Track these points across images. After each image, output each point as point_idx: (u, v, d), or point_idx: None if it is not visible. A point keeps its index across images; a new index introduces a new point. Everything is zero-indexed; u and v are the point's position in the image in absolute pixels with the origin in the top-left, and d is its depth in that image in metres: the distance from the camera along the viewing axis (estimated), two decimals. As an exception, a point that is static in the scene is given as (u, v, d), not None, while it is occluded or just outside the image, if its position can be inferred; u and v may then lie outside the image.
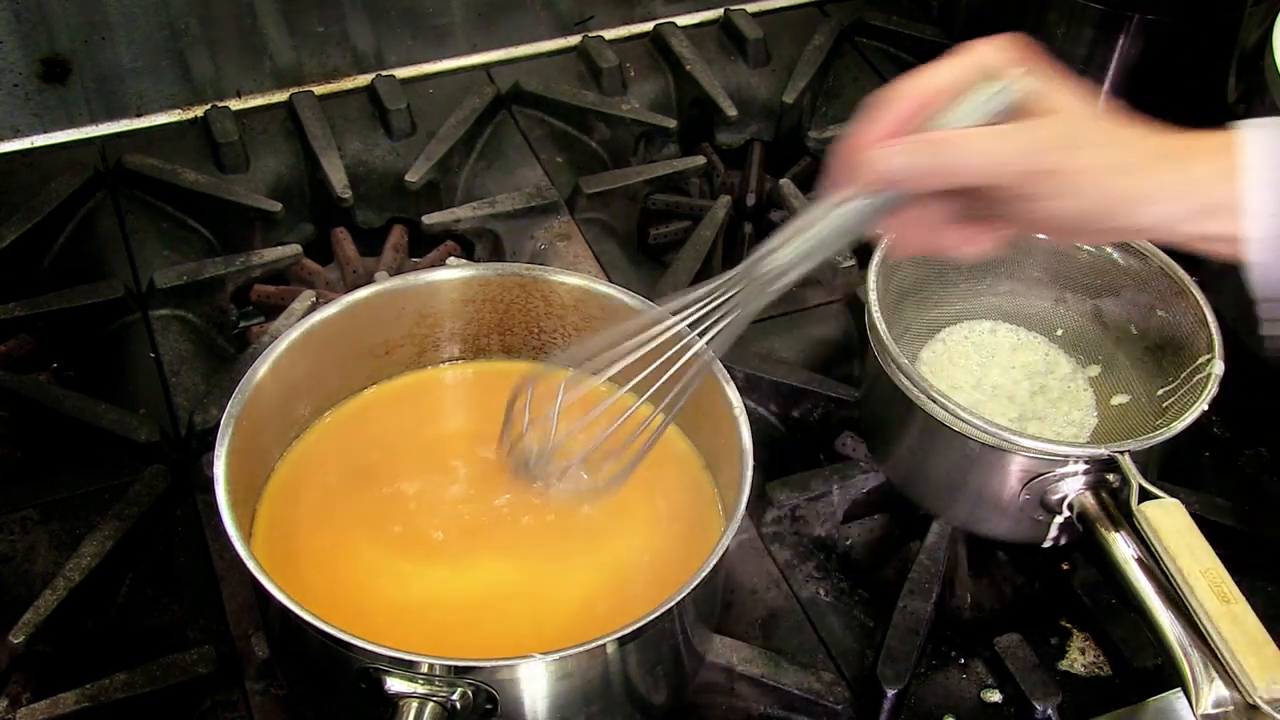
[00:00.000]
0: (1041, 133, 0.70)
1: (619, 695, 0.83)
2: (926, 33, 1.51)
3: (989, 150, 0.69)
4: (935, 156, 0.69)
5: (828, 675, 0.93)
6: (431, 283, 0.98)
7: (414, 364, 1.01)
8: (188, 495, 1.03)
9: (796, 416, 1.13)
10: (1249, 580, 0.95)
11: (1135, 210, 0.70)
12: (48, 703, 0.88)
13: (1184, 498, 0.90)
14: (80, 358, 1.17)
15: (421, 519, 0.91)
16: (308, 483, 0.93)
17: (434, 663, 0.75)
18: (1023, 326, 1.11)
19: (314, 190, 1.33)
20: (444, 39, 1.44)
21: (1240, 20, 1.28)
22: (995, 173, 0.70)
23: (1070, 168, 0.69)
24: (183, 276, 1.18)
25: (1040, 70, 0.72)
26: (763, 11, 1.54)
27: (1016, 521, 0.98)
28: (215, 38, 1.35)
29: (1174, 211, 0.70)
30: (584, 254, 1.24)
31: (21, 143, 1.33)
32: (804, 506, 1.04)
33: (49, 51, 1.30)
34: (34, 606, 0.92)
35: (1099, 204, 0.70)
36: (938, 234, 0.76)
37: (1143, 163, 0.70)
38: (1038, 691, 0.92)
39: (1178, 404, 0.98)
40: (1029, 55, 0.72)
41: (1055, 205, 0.70)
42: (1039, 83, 0.71)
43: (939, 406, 0.94)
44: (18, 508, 1.01)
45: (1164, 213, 0.70)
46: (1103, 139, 0.71)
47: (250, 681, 0.92)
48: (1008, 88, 0.71)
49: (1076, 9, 1.31)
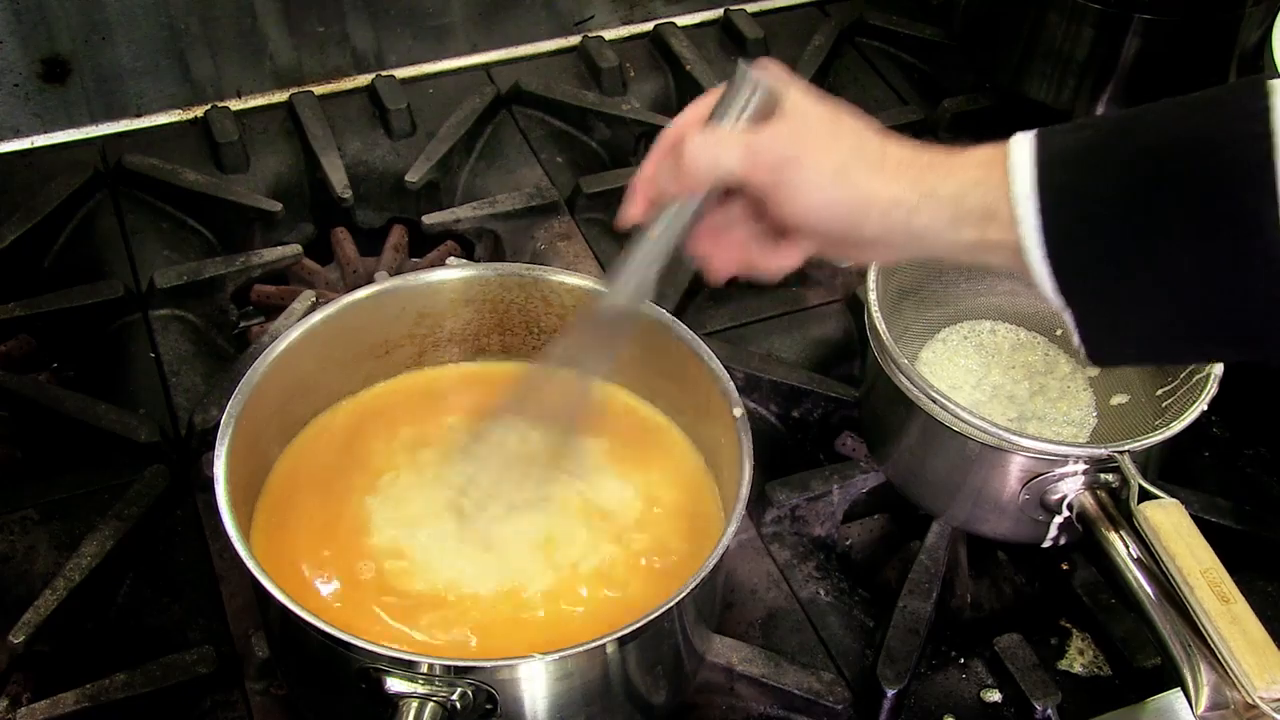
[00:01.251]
0: (770, 130, 0.74)
1: (619, 695, 0.83)
2: (926, 33, 1.51)
3: (719, 144, 0.74)
4: (678, 161, 0.75)
5: (828, 675, 0.93)
6: (431, 283, 0.98)
7: (414, 364, 1.01)
8: (188, 495, 1.03)
9: (796, 416, 1.13)
10: (1249, 580, 0.96)
11: (894, 215, 0.71)
12: (48, 703, 0.88)
13: (1184, 498, 0.90)
14: (80, 358, 1.17)
15: (421, 519, 0.91)
16: (308, 482, 0.93)
17: (434, 663, 0.75)
18: (1023, 326, 1.11)
19: (314, 190, 1.33)
20: (444, 39, 1.44)
21: (1240, 20, 1.28)
22: (726, 168, 0.74)
23: (797, 157, 0.72)
24: (183, 276, 1.18)
25: (784, 80, 0.76)
26: (763, 11, 1.54)
27: (1016, 521, 0.98)
28: (215, 38, 1.35)
29: (939, 216, 0.70)
30: (584, 254, 1.24)
31: (21, 143, 1.33)
32: (804, 506, 1.04)
33: (49, 51, 1.30)
34: (34, 606, 0.92)
35: (846, 203, 0.72)
36: (744, 252, 0.80)
37: (889, 165, 0.72)
38: (1038, 691, 0.92)
39: (1177, 404, 0.98)
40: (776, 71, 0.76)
41: (802, 202, 0.73)
42: (778, 87, 0.75)
43: (939, 406, 0.94)
44: (18, 508, 1.01)
45: (929, 219, 0.71)
46: (836, 138, 0.73)
47: (250, 681, 0.92)
48: (753, 94, 0.75)
49: (1076, 9, 1.31)
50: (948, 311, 1.11)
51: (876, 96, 1.46)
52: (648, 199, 0.79)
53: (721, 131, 0.75)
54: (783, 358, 1.16)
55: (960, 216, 0.70)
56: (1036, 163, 0.67)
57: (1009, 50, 1.40)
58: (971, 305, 1.11)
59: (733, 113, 0.75)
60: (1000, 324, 1.11)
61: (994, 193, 0.68)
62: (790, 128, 0.74)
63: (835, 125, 0.74)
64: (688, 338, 0.93)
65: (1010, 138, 0.69)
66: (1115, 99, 1.35)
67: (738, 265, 0.81)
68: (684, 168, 0.75)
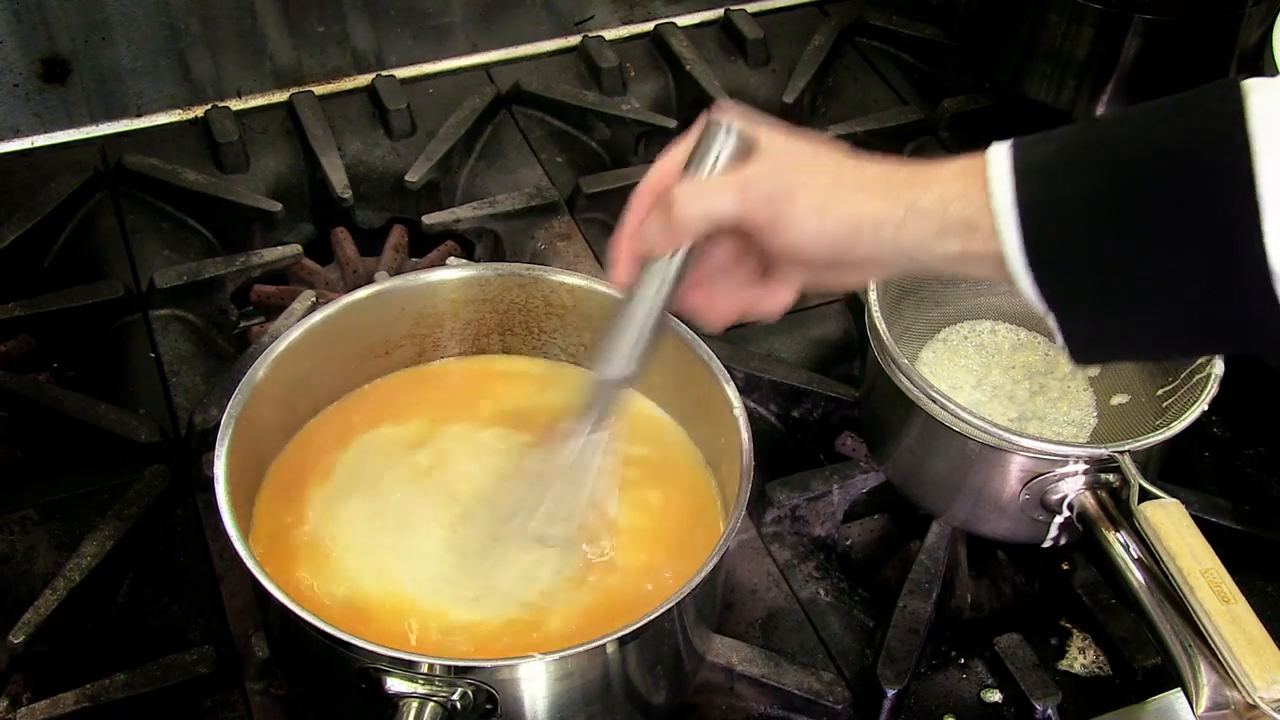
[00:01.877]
0: (754, 168, 0.74)
1: (619, 695, 0.83)
2: (926, 33, 1.51)
3: (709, 190, 0.74)
4: (667, 214, 0.74)
5: (828, 675, 0.93)
6: (431, 283, 0.98)
7: (414, 364, 1.01)
8: (188, 495, 1.03)
9: (796, 416, 1.13)
10: (1249, 580, 0.95)
11: (883, 232, 0.71)
12: (48, 703, 0.88)
13: (1184, 498, 0.90)
14: (80, 358, 1.17)
15: (422, 519, 0.91)
16: (308, 483, 0.93)
17: (434, 663, 0.75)
18: (1023, 326, 1.11)
19: (314, 190, 1.33)
20: (444, 39, 1.44)
21: (1240, 20, 1.28)
22: (721, 211, 0.74)
23: (788, 190, 0.72)
24: (183, 276, 1.18)
25: (752, 121, 0.75)
26: (763, 11, 1.54)
27: (1016, 521, 0.98)
28: (215, 38, 1.35)
29: (925, 229, 0.70)
30: (584, 254, 1.24)
31: (21, 143, 1.33)
32: (804, 506, 1.04)
33: (49, 51, 1.30)
34: (34, 606, 0.92)
35: (838, 226, 0.72)
36: (738, 298, 0.80)
37: (870, 184, 0.72)
38: (1038, 691, 0.92)
39: (1178, 404, 0.98)
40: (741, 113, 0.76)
41: (798, 232, 0.73)
42: (749, 130, 0.75)
43: (939, 406, 0.94)
44: (18, 508, 1.01)
45: (915, 232, 0.71)
46: (817, 166, 0.73)
47: (250, 681, 0.92)
48: (726, 139, 0.75)
49: (1076, 9, 1.31)
50: (948, 311, 1.11)
51: (876, 96, 1.46)
52: (634, 257, 0.78)
53: (708, 178, 0.75)
54: (783, 358, 1.16)
55: (944, 229, 0.70)
56: (1014, 174, 0.67)
57: (1009, 50, 1.40)
58: (971, 305, 1.11)
59: (709, 161, 0.75)
60: (1000, 324, 1.11)
61: (974, 205, 0.68)
62: (773, 164, 0.74)
63: (814, 155, 0.74)
64: (688, 338, 0.93)
65: (987, 149, 0.69)
66: (1115, 99, 1.35)
67: (734, 312, 0.81)
68: (676, 218, 0.74)
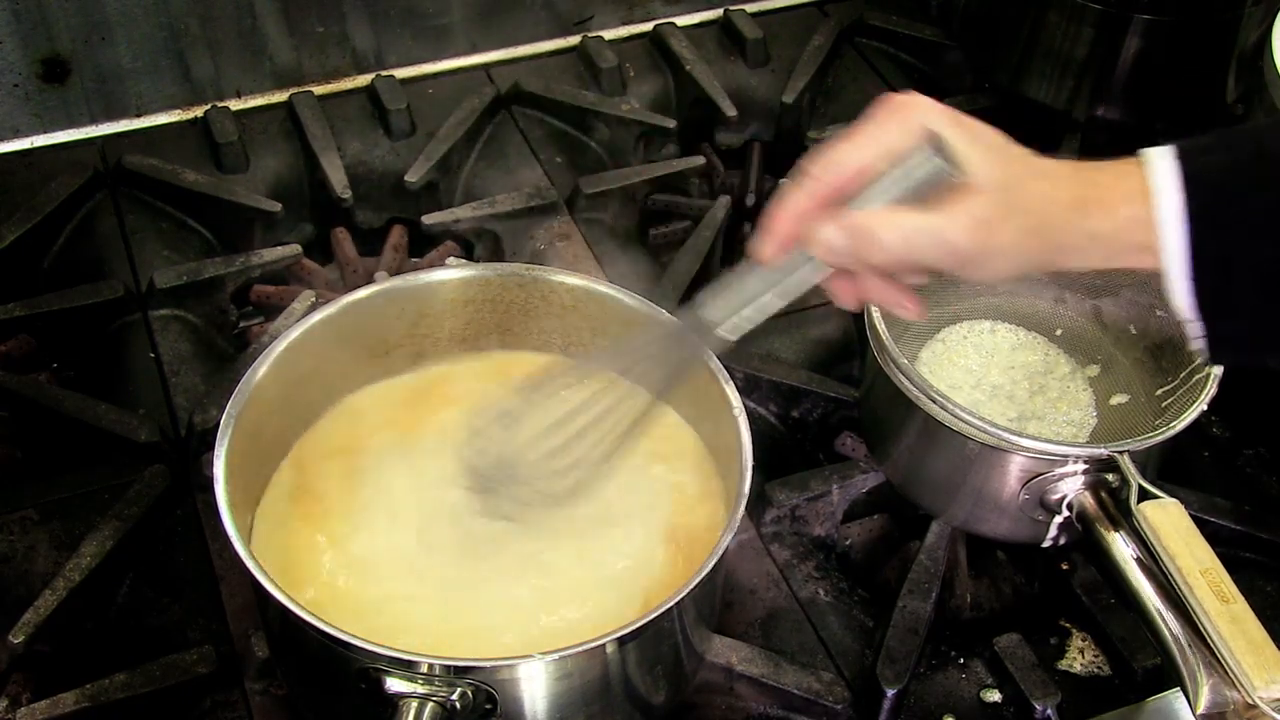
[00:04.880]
0: (957, 219, 0.72)
1: (619, 695, 0.83)
2: (926, 33, 1.51)
3: (908, 239, 0.73)
4: (858, 241, 0.73)
5: (827, 675, 0.93)
6: (431, 283, 0.98)
7: (413, 364, 1.01)
8: (188, 495, 1.03)
9: (796, 416, 1.13)
10: (1249, 580, 0.96)
11: (1065, 259, 0.74)
12: (48, 703, 0.88)
13: (1184, 498, 0.90)
14: (80, 358, 1.17)
15: (422, 518, 0.91)
16: (307, 482, 0.93)
17: (434, 663, 0.75)
18: (1023, 326, 1.11)
19: (314, 190, 1.33)
20: (444, 39, 1.44)
21: (1239, 21, 1.28)
22: (919, 259, 0.74)
23: (986, 247, 0.72)
24: (183, 276, 1.18)
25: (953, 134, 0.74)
26: (763, 11, 1.54)
27: (1016, 521, 0.98)
28: (215, 38, 1.35)
29: (1101, 254, 0.74)
30: (584, 254, 1.24)
31: (21, 143, 1.33)
32: (804, 506, 1.04)
33: (49, 51, 1.30)
34: (34, 606, 0.92)
35: (1028, 264, 0.74)
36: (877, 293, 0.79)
37: (1061, 221, 0.73)
38: (1037, 691, 0.92)
39: (1177, 404, 0.98)
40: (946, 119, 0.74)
41: (987, 273, 0.74)
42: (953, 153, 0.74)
43: (939, 406, 0.94)
44: (18, 508, 1.01)
45: (1093, 257, 0.74)
46: (1013, 210, 0.73)
47: (250, 681, 0.92)
48: (920, 165, 0.74)
49: (1076, 9, 1.31)
50: (948, 311, 1.11)
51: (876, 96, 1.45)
52: (791, 242, 0.76)
53: (912, 216, 0.73)
54: (783, 358, 1.16)
55: (1118, 253, 0.73)
56: (1184, 184, 0.69)
57: (1009, 50, 1.40)
58: (971, 305, 1.11)
59: (905, 185, 0.74)
60: (1000, 324, 1.11)
61: (1145, 231, 0.71)
62: (977, 214, 0.72)
63: (1020, 190, 0.73)
64: (687, 338, 0.93)
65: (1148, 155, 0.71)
66: (1115, 99, 1.35)
67: (875, 301, 0.80)
68: (868, 248, 0.73)
